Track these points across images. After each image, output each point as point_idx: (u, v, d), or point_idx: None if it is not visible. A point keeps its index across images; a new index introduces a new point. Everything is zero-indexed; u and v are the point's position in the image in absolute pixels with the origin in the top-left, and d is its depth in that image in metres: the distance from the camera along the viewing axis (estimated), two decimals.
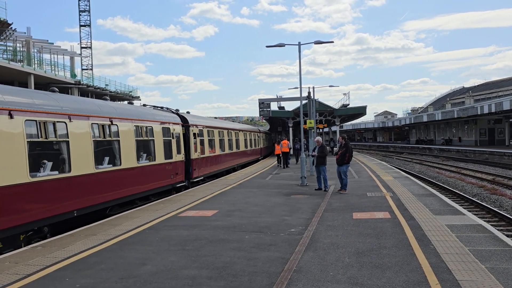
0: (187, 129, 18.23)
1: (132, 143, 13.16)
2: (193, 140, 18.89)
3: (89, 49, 55.83)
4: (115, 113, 12.61)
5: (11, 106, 8.67)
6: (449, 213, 10.32)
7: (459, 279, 5.68)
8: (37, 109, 9.42)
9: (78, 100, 12.87)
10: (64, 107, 10.45)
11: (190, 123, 18.74)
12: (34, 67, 37.92)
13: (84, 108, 11.34)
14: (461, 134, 63.57)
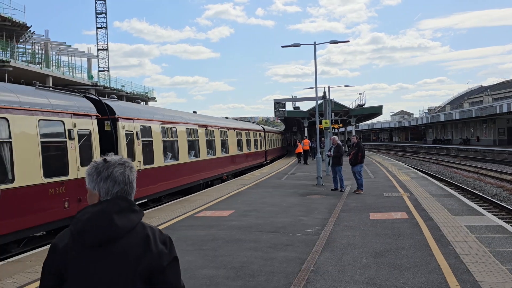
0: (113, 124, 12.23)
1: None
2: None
3: (106, 51, 56.48)
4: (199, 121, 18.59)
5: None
6: (468, 213, 10.17)
7: (479, 281, 5.61)
8: (168, 119, 15.94)
9: (174, 111, 18.31)
10: (177, 116, 17.14)
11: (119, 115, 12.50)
12: (52, 69, 38.53)
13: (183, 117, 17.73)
14: (479, 134, 62.59)
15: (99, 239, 1.88)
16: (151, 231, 1.98)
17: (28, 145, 8.77)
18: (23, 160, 8.53)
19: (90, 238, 1.88)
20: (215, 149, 20.75)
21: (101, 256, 1.89)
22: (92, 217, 1.90)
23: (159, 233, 2.00)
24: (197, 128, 18.58)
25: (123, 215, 1.92)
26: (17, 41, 38.93)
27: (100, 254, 1.89)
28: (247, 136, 28.23)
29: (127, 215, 1.94)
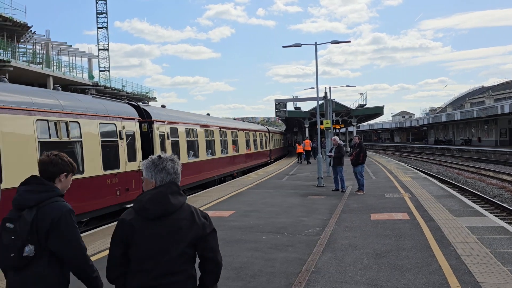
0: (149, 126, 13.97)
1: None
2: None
3: (106, 51, 56.54)
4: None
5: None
6: (469, 214, 10.15)
7: (480, 282, 5.58)
8: (190, 121, 17.90)
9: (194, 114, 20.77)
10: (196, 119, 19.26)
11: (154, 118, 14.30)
12: (53, 69, 38.56)
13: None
14: (481, 134, 62.53)
15: (159, 213, 2.54)
16: (194, 209, 2.66)
17: (93, 143, 10.60)
18: (89, 155, 10.36)
19: (152, 212, 2.54)
20: (228, 148, 22.86)
21: (160, 227, 2.53)
22: (153, 197, 2.58)
23: (200, 210, 2.71)
24: (213, 130, 20.50)
25: (174, 196, 2.60)
26: (18, 41, 38.98)
27: (158, 225, 2.53)
28: (254, 136, 29.96)
29: (177, 196, 2.62)
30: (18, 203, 2.89)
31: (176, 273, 2.54)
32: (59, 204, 2.88)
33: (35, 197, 2.86)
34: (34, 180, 2.94)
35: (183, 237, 2.56)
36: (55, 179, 3.01)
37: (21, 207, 2.87)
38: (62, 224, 2.81)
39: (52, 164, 3.01)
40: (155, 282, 2.50)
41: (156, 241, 2.53)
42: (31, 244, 2.79)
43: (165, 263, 2.53)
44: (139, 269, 2.55)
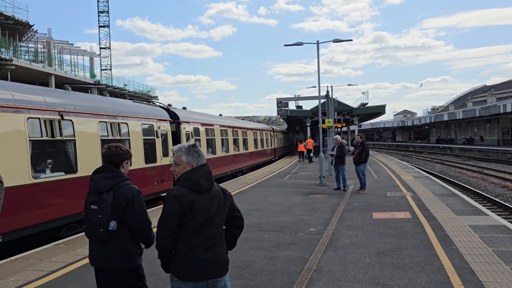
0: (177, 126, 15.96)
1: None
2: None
3: (108, 49, 56.58)
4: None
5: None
6: (471, 213, 10.13)
7: (483, 280, 5.58)
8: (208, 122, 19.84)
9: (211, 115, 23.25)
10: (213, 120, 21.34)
11: (182, 120, 16.43)
12: (55, 68, 38.60)
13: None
14: (483, 133, 62.41)
15: (209, 187, 3.25)
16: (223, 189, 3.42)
17: (137, 140, 12.60)
18: (135, 150, 11.91)
19: (205, 187, 3.23)
20: (239, 146, 24.95)
21: (208, 197, 3.23)
22: (204, 174, 3.27)
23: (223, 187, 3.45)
24: (226, 129, 22.60)
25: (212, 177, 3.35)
26: (20, 39, 39.02)
27: (207, 196, 3.23)
28: (261, 135, 32.30)
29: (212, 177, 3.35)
30: (96, 188, 3.62)
31: (220, 231, 3.34)
32: (130, 187, 3.67)
33: (109, 182, 3.61)
34: (106, 169, 3.70)
35: (226, 203, 3.37)
36: (119, 166, 3.75)
37: (99, 191, 3.60)
38: (135, 202, 3.59)
39: (115, 155, 3.73)
40: (212, 238, 3.23)
41: (209, 209, 3.21)
42: (113, 220, 3.54)
43: (217, 223, 3.28)
44: (195, 231, 3.17)
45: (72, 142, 9.83)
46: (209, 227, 3.21)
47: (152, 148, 13.46)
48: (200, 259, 3.17)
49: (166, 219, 3.17)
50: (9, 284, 5.98)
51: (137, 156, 12.17)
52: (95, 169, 3.75)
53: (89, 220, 3.58)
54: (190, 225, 3.16)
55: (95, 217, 3.53)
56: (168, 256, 3.22)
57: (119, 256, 3.59)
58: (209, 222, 3.21)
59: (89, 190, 3.69)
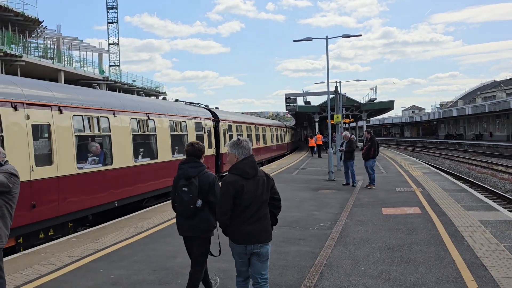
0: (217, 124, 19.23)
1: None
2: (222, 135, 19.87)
3: (117, 45, 56.72)
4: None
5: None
6: (482, 209, 10.07)
7: (495, 276, 5.55)
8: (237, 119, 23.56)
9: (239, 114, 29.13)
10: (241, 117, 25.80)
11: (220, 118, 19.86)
12: (64, 64, 38.83)
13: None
14: (492, 129, 61.89)
15: (254, 174, 4.18)
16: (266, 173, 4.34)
17: (192, 135, 15.70)
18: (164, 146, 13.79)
19: (251, 174, 4.16)
20: (260, 141, 28.80)
21: (254, 182, 4.16)
22: (250, 164, 4.20)
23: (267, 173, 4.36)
24: (250, 126, 26.72)
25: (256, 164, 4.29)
26: (30, 36, 39.26)
27: (253, 181, 4.16)
28: (276, 131, 35.97)
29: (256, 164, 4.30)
30: (186, 175, 4.76)
31: (265, 209, 4.25)
32: (210, 174, 4.85)
33: (195, 170, 4.78)
34: (191, 160, 4.87)
35: (266, 186, 4.24)
36: (200, 158, 4.92)
37: (188, 177, 4.75)
38: (215, 185, 4.76)
39: (198, 150, 4.93)
40: (257, 214, 4.16)
41: (254, 191, 4.15)
42: (200, 199, 4.69)
43: (260, 203, 4.19)
44: (245, 208, 4.13)
45: (154, 136, 13.01)
46: (255, 205, 4.16)
47: (201, 141, 14.27)
48: (248, 230, 4.15)
49: (223, 200, 4.16)
50: (22, 278, 6.05)
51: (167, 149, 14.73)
52: (182, 160, 4.96)
53: (182, 199, 4.73)
54: (240, 203, 4.13)
55: (187, 196, 4.70)
56: (226, 226, 4.21)
57: (201, 227, 4.76)
58: (255, 202, 4.16)
59: (178, 176, 4.85)
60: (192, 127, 15.87)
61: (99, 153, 10.29)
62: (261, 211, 4.20)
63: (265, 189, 4.22)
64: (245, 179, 4.13)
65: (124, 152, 11.23)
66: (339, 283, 5.53)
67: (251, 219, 4.15)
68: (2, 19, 33.23)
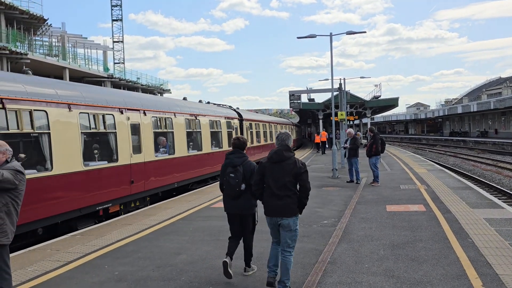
0: (241, 122, 22.42)
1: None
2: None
3: (121, 43, 56.80)
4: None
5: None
6: (487, 206, 10.03)
7: (499, 274, 5.53)
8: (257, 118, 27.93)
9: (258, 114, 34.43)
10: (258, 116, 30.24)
11: (244, 118, 23.05)
12: (69, 62, 38.88)
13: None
14: (497, 126, 61.56)
15: (277, 160, 5.11)
16: (296, 159, 5.12)
17: (224, 132, 18.84)
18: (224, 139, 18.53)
19: (275, 159, 5.13)
20: (273, 137, 31.19)
21: (278, 166, 5.09)
22: (276, 151, 5.17)
23: (299, 161, 5.15)
24: (269, 123, 30.91)
25: (286, 152, 5.13)
26: (35, 33, 39.35)
27: (277, 165, 5.10)
28: (286, 128, 39.31)
29: (288, 152, 5.14)
30: (232, 163, 5.78)
31: (287, 189, 5.10)
32: (252, 162, 5.86)
33: (240, 160, 5.79)
34: (237, 152, 5.89)
35: (289, 172, 5.08)
36: (243, 150, 5.94)
37: (234, 165, 5.75)
38: (253, 170, 5.68)
39: (243, 143, 5.96)
40: (278, 192, 5.10)
41: (276, 173, 5.13)
42: (243, 183, 5.68)
43: (281, 184, 5.09)
44: (269, 186, 5.17)
45: (199, 133, 16.03)
46: (276, 185, 5.11)
47: (230, 136, 18.95)
48: (271, 204, 5.17)
49: (254, 177, 5.43)
50: (28, 274, 6.09)
51: (225, 141, 18.70)
52: (229, 152, 6.00)
53: (229, 183, 5.73)
54: (266, 182, 5.22)
55: (234, 181, 5.69)
56: (259, 197, 5.37)
57: (244, 206, 5.76)
58: (277, 182, 5.11)
59: (225, 164, 5.87)
60: (224, 125, 19.03)
61: (165, 145, 13.37)
62: (282, 190, 5.07)
63: (288, 173, 5.06)
64: (271, 163, 5.18)
65: (182, 145, 14.38)
66: (343, 280, 5.53)
67: (274, 196, 5.11)
68: (8, 17, 33.32)
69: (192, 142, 15.51)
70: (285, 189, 5.06)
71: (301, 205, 5.19)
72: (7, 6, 32.13)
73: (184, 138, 14.53)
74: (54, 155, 8.53)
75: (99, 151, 10.32)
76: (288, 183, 5.06)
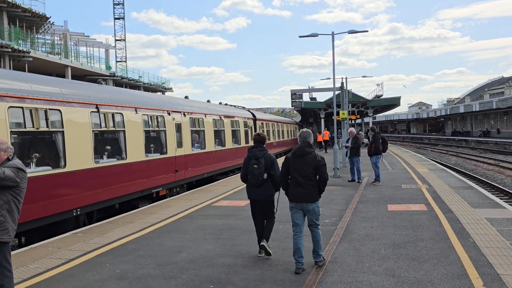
0: (255, 122, 25.46)
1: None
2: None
3: (123, 41, 56.82)
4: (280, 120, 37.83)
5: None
6: (488, 206, 10.02)
7: (500, 273, 5.53)
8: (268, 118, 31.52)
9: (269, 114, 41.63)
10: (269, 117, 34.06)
11: (257, 118, 26.15)
12: (71, 60, 38.94)
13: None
14: (499, 126, 61.43)
15: (300, 155, 6.06)
16: (316, 154, 6.06)
17: (242, 130, 21.69)
18: (241, 136, 21.42)
19: (297, 154, 6.07)
20: (281, 136, 34.93)
21: (301, 160, 6.03)
22: (299, 147, 6.11)
23: (318, 155, 6.06)
24: (277, 123, 33.49)
25: (308, 148, 6.08)
26: (37, 31, 39.39)
27: (300, 159, 6.03)
28: (290, 127, 42.30)
29: (309, 148, 6.08)
30: (255, 156, 6.61)
31: (309, 179, 5.97)
32: (272, 155, 6.70)
33: (262, 153, 6.64)
34: (258, 146, 6.76)
35: (309, 165, 5.97)
36: (264, 144, 6.81)
37: (257, 157, 6.58)
38: (274, 163, 6.61)
39: (263, 138, 6.88)
40: (302, 182, 5.96)
41: (299, 166, 6.01)
42: (265, 173, 6.51)
43: (304, 175, 5.96)
44: (294, 177, 6.03)
45: (223, 131, 18.84)
46: (299, 175, 5.99)
47: (246, 135, 22.46)
48: (297, 192, 6.02)
49: (282, 169, 6.23)
50: (30, 271, 6.11)
51: (242, 139, 21.58)
52: (251, 146, 6.86)
53: (253, 173, 6.58)
54: (291, 174, 6.09)
55: (257, 171, 6.54)
56: (284, 187, 6.23)
57: (266, 193, 6.61)
58: (300, 173, 5.99)
59: (248, 157, 6.72)
60: (242, 124, 21.92)
61: (198, 141, 16.07)
62: (306, 180, 5.97)
63: (309, 166, 5.98)
64: (295, 157, 6.08)
65: (210, 141, 17.11)
66: (344, 279, 5.54)
67: (299, 185, 5.98)
68: (10, 15, 33.36)
69: (218, 139, 18.32)
70: (307, 179, 5.95)
71: (320, 191, 6.10)
72: (10, 4, 32.16)
73: (212, 135, 17.38)
74: (128, 148, 11.15)
75: (154, 145, 12.86)
76: (310, 174, 5.95)
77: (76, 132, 9.30)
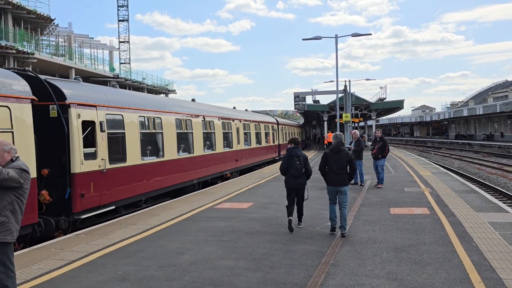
0: (277, 126, 31.32)
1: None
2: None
3: (127, 43, 57.00)
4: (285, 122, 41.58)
5: None
6: (491, 210, 9.99)
7: (503, 278, 5.51)
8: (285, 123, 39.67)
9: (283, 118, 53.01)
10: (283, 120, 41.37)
11: (279, 123, 32.67)
12: (75, 61, 39.08)
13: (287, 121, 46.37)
14: (503, 129, 61.20)
15: (336, 151, 8.35)
16: (347, 151, 8.52)
17: (269, 132, 28.33)
18: (267, 137, 27.75)
19: (334, 150, 8.37)
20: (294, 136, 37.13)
21: (336, 155, 8.31)
22: (336, 145, 8.41)
23: (349, 152, 8.54)
24: (290, 127, 38.93)
25: (341, 146, 8.47)
26: (41, 33, 39.57)
27: (336, 154, 8.32)
28: (297, 130, 45.74)
29: (342, 146, 8.48)
30: (296, 154, 8.58)
31: (342, 169, 8.20)
32: (304, 154, 8.75)
33: (300, 152, 8.72)
34: (296, 146, 8.78)
35: (343, 158, 8.20)
36: (299, 145, 8.94)
37: (297, 155, 8.55)
38: (307, 160, 8.73)
39: (298, 141, 9.10)
40: (337, 171, 8.17)
41: (335, 159, 8.21)
42: (303, 166, 8.57)
43: (339, 166, 8.17)
44: (331, 168, 8.20)
45: (260, 133, 24.41)
46: (336, 166, 8.10)
47: (273, 136, 29.15)
48: (333, 179, 8.20)
49: (320, 162, 8.38)
50: (32, 272, 6.13)
51: (270, 139, 27.76)
52: (289, 147, 8.79)
53: (296, 167, 8.45)
54: (329, 165, 8.19)
55: (300, 166, 8.47)
56: (323, 175, 8.37)
57: (302, 182, 8.56)
58: (336, 164, 8.11)
59: (290, 155, 8.57)
60: (270, 128, 28.18)
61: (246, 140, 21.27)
62: (340, 170, 8.11)
63: (343, 159, 8.13)
64: (332, 153, 8.22)
65: (253, 140, 23.19)
66: (346, 282, 5.53)
67: (335, 174, 8.12)
68: (15, 16, 33.53)
69: (257, 139, 24.66)
70: (342, 169, 8.10)
71: (350, 178, 8.27)
72: (15, 6, 32.33)
73: (254, 136, 23.90)
74: (217, 143, 17.67)
75: (226, 142, 19.01)
76: (344, 165, 8.09)
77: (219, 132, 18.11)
